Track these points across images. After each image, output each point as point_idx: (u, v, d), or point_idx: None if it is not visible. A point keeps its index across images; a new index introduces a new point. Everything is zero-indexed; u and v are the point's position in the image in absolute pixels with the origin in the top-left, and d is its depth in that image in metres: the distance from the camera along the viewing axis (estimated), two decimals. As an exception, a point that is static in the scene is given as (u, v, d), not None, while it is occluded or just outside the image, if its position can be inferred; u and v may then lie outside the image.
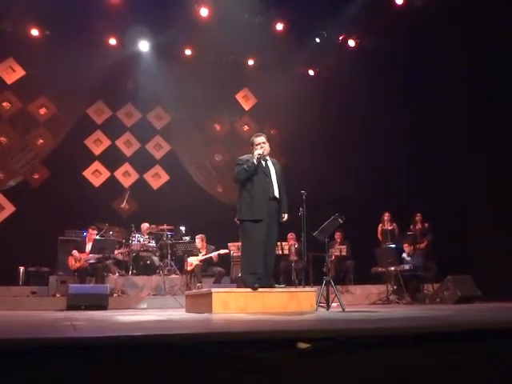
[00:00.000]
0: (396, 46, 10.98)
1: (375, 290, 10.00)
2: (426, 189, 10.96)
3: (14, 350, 1.80)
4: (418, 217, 10.56)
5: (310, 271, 9.52)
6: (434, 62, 10.69)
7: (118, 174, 12.31)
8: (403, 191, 10.89)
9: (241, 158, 5.94)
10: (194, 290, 8.10)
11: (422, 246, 10.34)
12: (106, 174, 12.19)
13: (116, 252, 10.01)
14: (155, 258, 10.46)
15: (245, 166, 5.74)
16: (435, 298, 8.90)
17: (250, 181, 5.76)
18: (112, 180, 12.20)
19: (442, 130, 10.84)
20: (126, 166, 12.40)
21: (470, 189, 10.23)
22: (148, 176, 12.54)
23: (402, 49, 10.94)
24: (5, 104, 11.41)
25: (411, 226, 10.71)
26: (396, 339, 2.13)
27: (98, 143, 12.25)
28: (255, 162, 5.72)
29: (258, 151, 5.78)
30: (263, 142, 5.88)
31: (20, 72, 11.46)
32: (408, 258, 9.63)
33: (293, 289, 6.84)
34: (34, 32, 11.24)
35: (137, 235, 10.31)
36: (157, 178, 12.60)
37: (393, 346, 2.09)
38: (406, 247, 9.73)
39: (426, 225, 10.48)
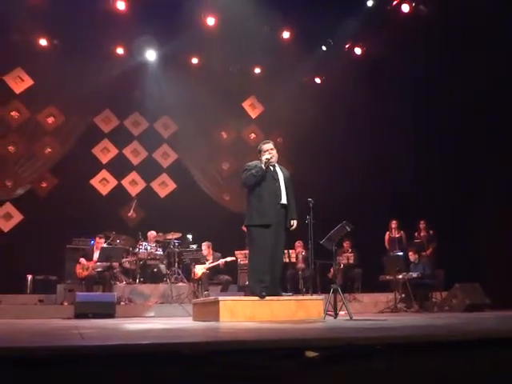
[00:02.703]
0: (402, 54, 10.97)
1: (383, 298, 9.94)
2: (434, 196, 10.92)
3: (21, 359, 1.80)
4: (422, 224, 10.55)
5: (317, 279, 9.48)
6: (439, 70, 10.67)
7: (126, 182, 12.35)
8: (410, 199, 10.84)
9: (249, 163, 5.97)
10: (202, 298, 8.08)
11: (428, 253, 10.30)
12: (113, 182, 12.23)
13: (123, 260, 10.04)
14: (162, 266, 10.45)
15: (253, 171, 5.76)
16: (443, 306, 8.85)
17: (258, 186, 5.78)
18: (119, 188, 12.23)
19: (447, 139, 10.81)
20: (133, 175, 12.44)
21: (480, 197, 10.18)
22: (155, 184, 12.57)
23: (408, 57, 10.92)
24: (13, 113, 11.49)
25: (416, 234, 10.69)
26: (404, 348, 2.12)
27: (105, 152, 12.30)
28: (263, 166, 5.74)
29: (266, 156, 5.81)
30: (271, 149, 5.91)
31: (28, 81, 11.54)
32: (413, 266, 9.57)
33: (300, 297, 6.80)
34: (43, 42, 11.34)
35: (144, 243, 10.32)
36: (164, 187, 12.62)
37: (401, 355, 2.08)
38: (411, 255, 9.67)
39: (431, 232, 10.45)
